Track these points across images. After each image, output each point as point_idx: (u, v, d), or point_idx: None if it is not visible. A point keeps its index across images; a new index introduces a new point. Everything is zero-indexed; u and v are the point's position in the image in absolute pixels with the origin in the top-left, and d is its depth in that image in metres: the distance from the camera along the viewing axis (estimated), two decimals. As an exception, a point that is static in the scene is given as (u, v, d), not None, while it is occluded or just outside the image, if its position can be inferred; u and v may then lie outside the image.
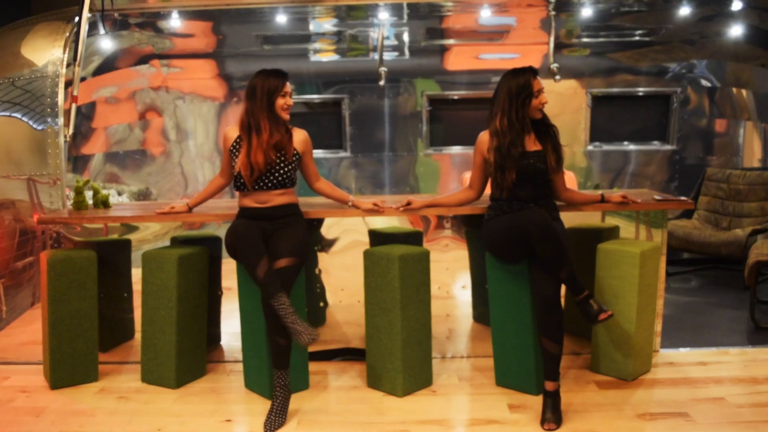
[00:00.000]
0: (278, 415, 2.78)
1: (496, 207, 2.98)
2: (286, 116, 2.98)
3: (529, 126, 2.94)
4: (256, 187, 2.93)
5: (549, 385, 2.78)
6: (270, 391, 3.00)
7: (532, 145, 2.95)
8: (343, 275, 3.51)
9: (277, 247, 2.89)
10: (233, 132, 3.05)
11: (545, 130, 2.98)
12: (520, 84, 2.88)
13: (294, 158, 3.00)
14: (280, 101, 2.95)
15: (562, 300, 2.87)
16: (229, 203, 3.64)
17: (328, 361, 3.49)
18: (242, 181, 2.93)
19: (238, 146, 3.00)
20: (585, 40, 5.31)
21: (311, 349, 3.27)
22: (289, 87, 2.98)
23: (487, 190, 3.12)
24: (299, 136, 3.05)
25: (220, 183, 3.20)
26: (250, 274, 2.82)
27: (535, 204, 2.90)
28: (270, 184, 2.94)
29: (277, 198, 2.97)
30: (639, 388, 3.08)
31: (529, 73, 2.90)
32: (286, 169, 2.95)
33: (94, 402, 3.05)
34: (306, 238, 2.99)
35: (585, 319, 2.80)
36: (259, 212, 2.96)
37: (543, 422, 2.73)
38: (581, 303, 2.79)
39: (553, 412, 2.74)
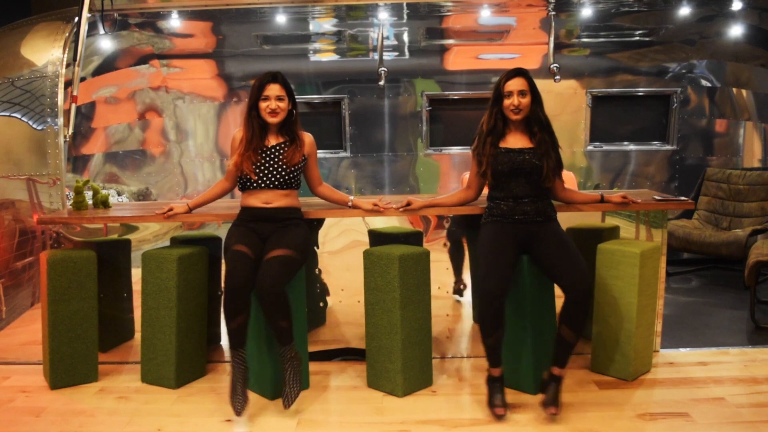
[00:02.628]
0: (293, 386, 2.83)
1: (492, 207, 2.97)
2: (270, 120, 2.94)
3: (510, 125, 2.95)
4: (262, 185, 2.93)
5: (557, 371, 2.82)
6: (272, 390, 3.01)
7: (527, 143, 2.95)
8: (343, 275, 3.51)
9: (276, 240, 2.89)
10: (240, 134, 3.04)
11: (536, 133, 2.95)
12: (496, 84, 2.94)
13: (301, 161, 3.00)
14: (262, 104, 2.94)
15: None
16: (229, 203, 3.64)
17: (328, 361, 3.49)
18: (246, 179, 2.94)
19: None
20: (585, 40, 5.31)
21: (311, 348, 3.28)
22: (276, 89, 2.92)
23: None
24: (306, 139, 3.05)
25: (224, 187, 3.17)
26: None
27: (531, 202, 2.90)
28: (276, 183, 2.94)
29: (281, 199, 2.97)
30: (639, 388, 3.08)
31: (505, 74, 2.92)
32: (290, 170, 2.95)
33: (94, 402, 3.05)
34: (307, 240, 2.99)
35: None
36: (262, 213, 2.95)
37: (545, 404, 2.76)
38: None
39: (556, 396, 2.78)
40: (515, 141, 2.94)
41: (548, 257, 2.86)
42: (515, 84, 2.88)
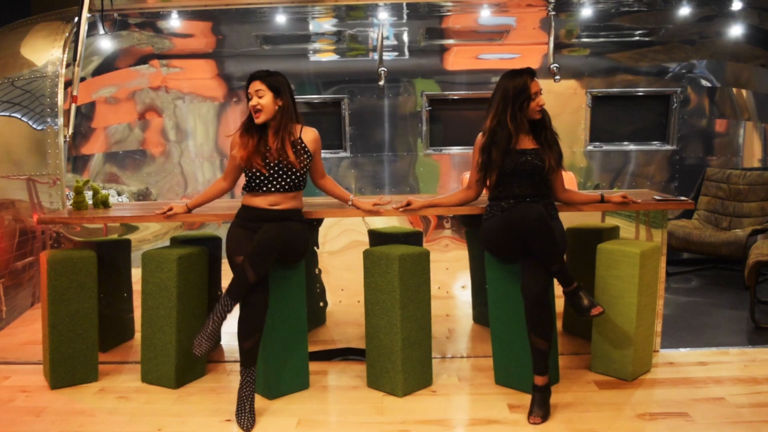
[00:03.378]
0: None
1: (493, 206, 2.99)
2: (255, 119, 2.91)
3: (525, 127, 2.95)
4: (273, 189, 2.91)
5: (538, 380, 2.83)
6: (271, 390, 3.01)
7: (529, 143, 2.96)
8: (343, 275, 3.51)
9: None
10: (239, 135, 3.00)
11: (543, 130, 2.97)
12: (517, 87, 2.89)
13: (307, 159, 2.98)
14: (250, 104, 2.92)
15: (561, 301, 2.88)
16: (229, 203, 3.64)
17: (328, 361, 3.49)
18: (257, 181, 2.91)
19: None
20: (585, 40, 5.31)
21: (311, 348, 3.28)
22: (255, 85, 2.89)
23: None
24: (310, 135, 3.01)
25: (222, 187, 3.15)
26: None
27: (532, 202, 2.90)
28: (287, 186, 2.92)
29: (288, 201, 2.96)
30: (639, 388, 3.08)
31: (527, 75, 2.90)
32: (299, 172, 2.93)
33: (94, 402, 3.05)
34: (300, 235, 2.97)
35: (575, 312, 2.84)
36: (265, 213, 2.93)
37: (529, 415, 2.77)
38: (570, 295, 2.83)
39: (540, 406, 2.79)
40: (519, 142, 2.94)
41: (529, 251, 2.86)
42: (537, 84, 2.92)
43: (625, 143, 5.58)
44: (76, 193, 3.48)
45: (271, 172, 2.91)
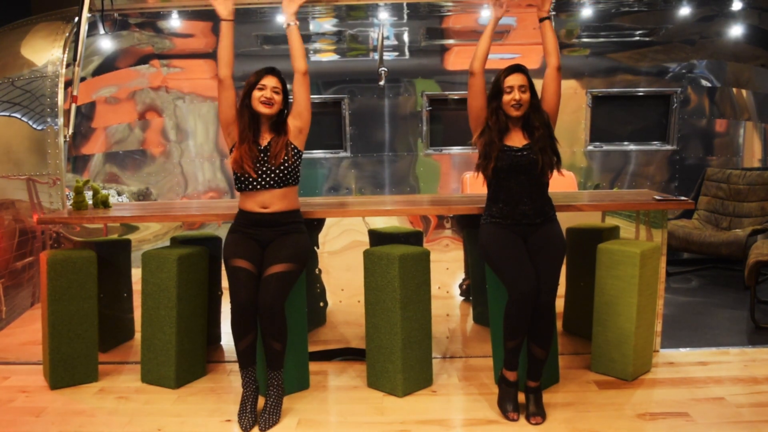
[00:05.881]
0: (272, 413, 2.80)
1: (491, 207, 2.96)
2: (263, 109, 2.87)
3: (512, 123, 2.92)
4: (258, 186, 2.87)
5: (531, 383, 2.85)
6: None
7: (523, 139, 2.92)
8: (343, 275, 3.51)
9: (276, 252, 2.86)
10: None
11: (534, 129, 2.91)
12: (494, 80, 2.92)
13: (292, 151, 2.91)
14: (257, 93, 2.87)
15: (561, 301, 2.86)
16: (229, 203, 3.64)
17: (328, 361, 3.49)
18: (243, 177, 2.87)
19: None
20: (585, 40, 5.32)
21: (311, 348, 3.29)
22: (272, 81, 2.89)
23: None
24: (292, 131, 2.97)
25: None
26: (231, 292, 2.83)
27: (531, 202, 2.89)
28: (273, 182, 2.86)
29: (279, 201, 2.89)
30: (639, 388, 3.08)
31: (505, 69, 2.89)
32: (283, 165, 2.87)
33: (94, 402, 3.05)
34: (307, 247, 2.96)
35: (511, 408, 2.84)
36: (260, 218, 2.90)
37: (528, 417, 2.77)
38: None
39: (537, 407, 2.80)
40: (513, 139, 2.93)
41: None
42: (515, 79, 2.85)
43: (625, 143, 5.58)
44: (76, 193, 3.48)
45: (258, 166, 2.86)
